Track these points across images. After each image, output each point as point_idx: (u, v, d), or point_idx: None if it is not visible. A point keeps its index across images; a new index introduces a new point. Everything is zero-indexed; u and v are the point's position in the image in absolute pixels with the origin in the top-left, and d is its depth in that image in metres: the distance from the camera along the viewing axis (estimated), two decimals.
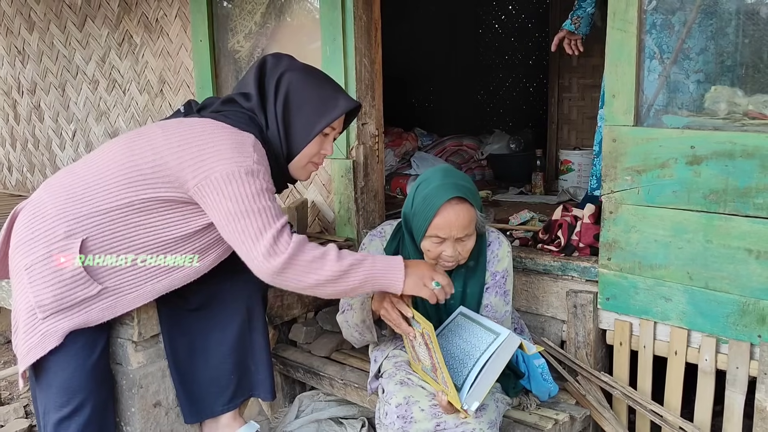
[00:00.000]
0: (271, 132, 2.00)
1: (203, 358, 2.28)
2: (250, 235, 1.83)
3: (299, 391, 2.88)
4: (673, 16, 2.22)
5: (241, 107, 2.01)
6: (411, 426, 1.98)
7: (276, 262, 1.81)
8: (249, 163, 1.85)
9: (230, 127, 1.93)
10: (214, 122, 1.94)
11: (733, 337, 2.16)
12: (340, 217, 3.11)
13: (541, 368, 2.30)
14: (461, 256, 2.11)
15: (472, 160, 5.08)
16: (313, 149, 2.05)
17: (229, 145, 1.86)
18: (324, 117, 2.01)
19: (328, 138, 2.08)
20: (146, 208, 1.90)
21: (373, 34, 3.01)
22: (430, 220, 2.04)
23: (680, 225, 2.20)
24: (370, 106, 3.05)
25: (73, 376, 1.95)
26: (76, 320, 1.90)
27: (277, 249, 1.82)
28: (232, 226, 1.84)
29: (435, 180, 2.09)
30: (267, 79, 2.02)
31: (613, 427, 2.32)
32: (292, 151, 2.04)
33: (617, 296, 2.38)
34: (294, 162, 2.06)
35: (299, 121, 2.01)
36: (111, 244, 1.91)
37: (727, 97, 2.14)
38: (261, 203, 1.84)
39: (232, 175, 1.82)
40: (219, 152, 1.85)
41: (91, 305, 1.92)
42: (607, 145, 2.32)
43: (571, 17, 3.16)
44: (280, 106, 1.99)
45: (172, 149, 1.88)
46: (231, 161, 1.84)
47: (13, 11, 4.56)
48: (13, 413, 3.31)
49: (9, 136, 4.94)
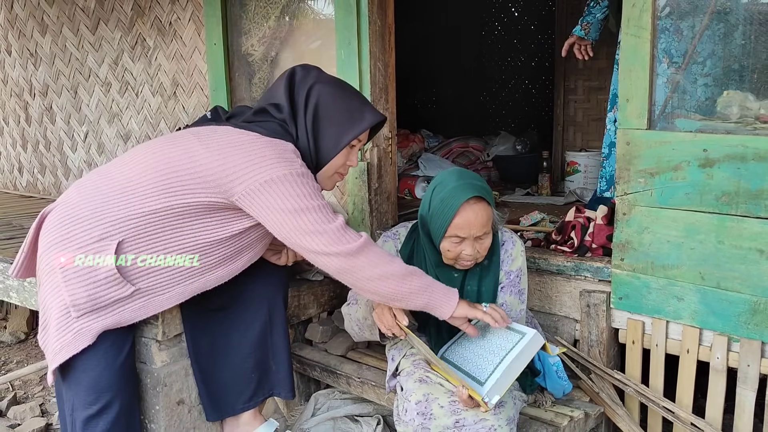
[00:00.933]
0: (301, 142, 2.04)
1: (225, 357, 2.33)
2: (317, 227, 1.89)
3: (315, 389, 2.92)
4: (686, 21, 2.27)
5: (274, 117, 2.05)
6: (431, 422, 2.03)
7: (352, 246, 1.90)
8: (297, 167, 1.92)
9: (268, 137, 1.98)
10: (250, 132, 1.99)
11: (745, 335, 2.20)
12: (354, 219, 3.16)
13: (556, 366, 2.35)
14: (479, 254, 2.17)
15: (478, 161, 5.13)
16: (340, 160, 2.10)
17: (273, 151, 1.92)
18: (352, 129, 2.06)
19: (354, 150, 2.14)
20: (184, 213, 1.95)
21: (387, 38, 3.06)
22: (449, 220, 2.09)
23: (692, 226, 2.25)
24: (384, 109, 3.09)
25: (102, 375, 1.99)
26: (109, 320, 1.95)
27: (349, 236, 1.92)
28: (294, 222, 1.89)
29: (451, 182, 2.14)
30: (297, 90, 2.06)
31: (626, 424, 2.37)
32: (320, 162, 2.08)
33: (630, 296, 2.43)
34: (321, 172, 2.10)
35: (328, 133, 2.05)
36: (146, 248, 1.96)
37: (739, 101, 2.19)
38: (319, 201, 1.91)
39: (284, 177, 1.89)
40: (265, 158, 1.90)
41: (124, 306, 1.97)
42: (620, 148, 2.37)
43: (581, 23, 3.21)
44: (309, 117, 2.04)
45: (213, 156, 1.92)
46: (280, 166, 1.89)
47: (26, 14, 4.60)
48: (30, 412, 3.34)
49: (20, 138, 4.97)
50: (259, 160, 1.90)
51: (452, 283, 2.23)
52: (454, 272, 2.25)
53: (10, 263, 2.89)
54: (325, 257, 1.93)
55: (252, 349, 2.32)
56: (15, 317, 4.45)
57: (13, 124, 5.01)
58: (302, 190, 1.89)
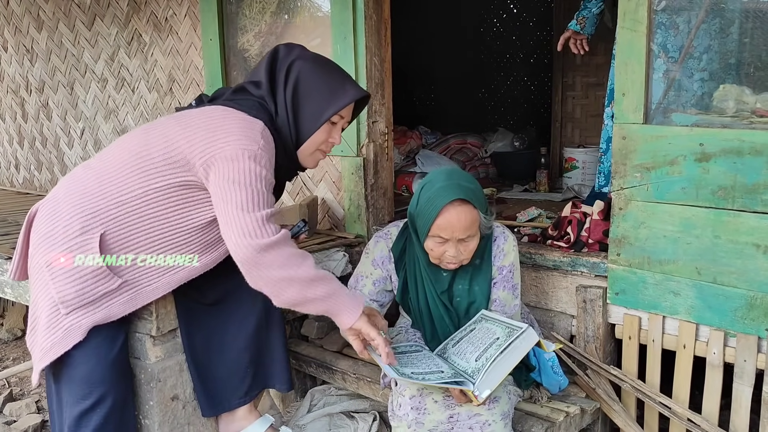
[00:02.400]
0: (281, 118, 2.03)
1: (220, 353, 2.32)
2: (242, 206, 1.86)
3: (310, 385, 2.92)
4: (682, 16, 2.26)
5: (252, 95, 2.05)
6: (425, 417, 2.02)
7: (263, 240, 1.85)
8: (254, 149, 1.89)
9: (240, 112, 1.97)
10: (225, 108, 1.99)
11: (741, 330, 2.20)
12: (350, 214, 3.15)
13: (552, 361, 2.35)
14: (464, 256, 2.14)
15: (476, 157, 5.12)
16: (321, 137, 2.08)
17: (238, 128, 1.92)
18: (332, 105, 2.04)
19: (337, 127, 2.12)
20: (159, 198, 1.94)
21: (383, 33, 3.05)
22: (432, 220, 2.07)
23: (689, 221, 2.24)
24: (380, 104, 3.09)
25: (95, 370, 1.99)
26: (98, 315, 1.94)
27: (266, 230, 1.87)
28: (227, 191, 1.87)
29: (439, 181, 2.12)
30: (278, 67, 2.05)
31: (623, 419, 2.36)
32: (300, 138, 2.07)
33: (626, 291, 2.42)
34: (302, 149, 2.09)
35: (308, 109, 2.04)
36: (128, 239, 1.95)
37: (735, 95, 2.18)
38: (258, 186, 1.89)
39: (236, 156, 1.87)
40: (228, 134, 1.90)
41: (112, 299, 1.96)
42: (616, 143, 2.36)
43: (577, 17, 3.20)
44: (289, 92, 2.02)
45: (184, 134, 1.93)
46: (238, 144, 1.88)
47: (21, 10, 4.59)
48: (26, 408, 3.34)
49: (17, 134, 4.96)
50: (221, 135, 1.90)
51: (441, 282, 2.23)
52: (443, 271, 2.23)
53: (5, 259, 2.88)
54: (236, 241, 1.87)
55: (247, 344, 2.32)
56: (12, 314, 4.45)
57: (9, 121, 5.01)
58: (246, 169, 1.87)
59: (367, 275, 2.32)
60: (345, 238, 3.09)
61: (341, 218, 3.22)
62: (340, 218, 3.23)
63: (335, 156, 3.16)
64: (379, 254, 2.31)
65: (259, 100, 2.03)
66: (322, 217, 3.30)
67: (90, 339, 1.96)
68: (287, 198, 3.42)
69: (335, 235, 3.14)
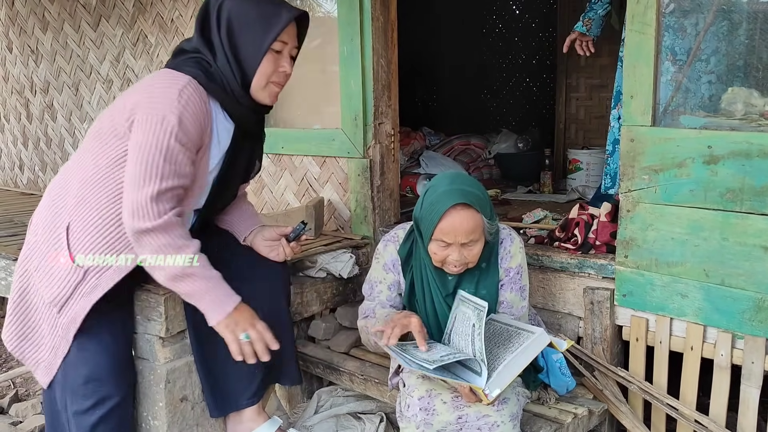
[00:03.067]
0: (221, 63, 2.01)
1: (228, 354, 2.31)
2: (134, 180, 1.89)
3: (317, 386, 2.92)
4: (691, 18, 2.26)
5: (186, 51, 2.05)
6: (433, 418, 2.03)
7: (142, 225, 1.89)
8: (165, 113, 1.89)
9: (168, 71, 1.99)
10: (157, 71, 2.04)
11: (749, 332, 2.20)
12: (356, 216, 3.16)
13: (559, 363, 2.35)
14: (468, 260, 2.13)
15: (479, 159, 5.13)
16: (267, 68, 2.04)
17: (158, 89, 1.94)
18: (269, 32, 2.00)
19: (283, 55, 2.08)
20: (108, 172, 1.99)
21: (390, 34, 3.06)
22: (435, 224, 2.07)
23: (697, 223, 2.25)
24: (387, 105, 3.09)
25: (96, 368, 2.04)
26: (78, 307, 2.00)
27: (150, 212, 1.89)
28: (134, 155, 1.90)
29: (442, 185, 2.12)
30: (209, 14, 2.03)
31: (630, 421, 2.37)
32: (246, 75, 2.04)
33: (634, 293, 2.42)
34: (253, 86, 2.06)
35: (246, 43, 2.01)
36: (88, 220, 2.00)
37: (743, 98, 2.18)
38: (156, 158, 1.89)
39: (144, 120, 1.89)
40: (149, 96, 1.92)
41: (82, 289, 2.01)
42: (624, 145, 2.37)
43: (583, 19, 3.20)
44: (224, 34, 2.00)
45: (122, 101, 1.99)
46: (148, 109, 1.90)
47: (26, 11, 4.60)
48: (31, 409, 3.34)
49: (21, 135, 4.97)
50: (144, 98, 1.93)
51: (447, 286, 2.22)
52: (449, 274, 2.23)
53: (12, 260, 2.89)
54: (124, 216, 1.93)
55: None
56: None
57: (14, 122, 5.01)
58: (155, 136, 1.88)
59: (380, 280, 2.32)
60: (351, 240, 3.10)
61: (347, 219, 3.23)
62: (347, 219, 3.24)
63: (341, 157, 3.17)
64: (389, 258, 2.31)
65: (194, 54, 2.03)
66: (328, 219, 3.31)
67: (92, 337, 2.02)
68: (293, 200, 3.43)
69: (342, 236, 3.15)
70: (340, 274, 2.90)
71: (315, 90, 3.36)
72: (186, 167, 1.95)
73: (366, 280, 2.37)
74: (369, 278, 2.36)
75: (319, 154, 3.27)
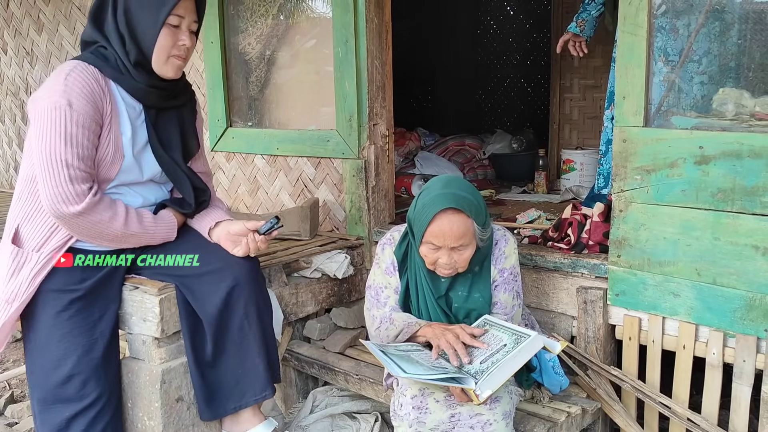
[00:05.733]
0: (115, 44, 2.09)
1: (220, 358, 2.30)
2: (48, 169, 1.99)
3: (312, 386, 2.94)
4: (682, 20, 2.28)
5: (88, 43, 2.17)
6: (426, 417, 2.04)
7: (67, 209, 2.01)
8: (55, 98, 1.98)
9: (64, 63, 2.10)
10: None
11: (740, 331, 2.22)
12: (351, 216, 3.17)
13: (553, 362, 2.37)
14: (458, 264, 2.13)
15: (474, 159, 5.14)
16: (166, 41, 2.10)
17: (48, 81, 2.05)
18: (164, 6, 2.06)
19: (181, 29, 2.13)
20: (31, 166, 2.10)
21: (384, 36, 3.07)
22: (425, 227, 2.07)
23: (689, 223, 2.27)
24: (381, 107, 3.11)
25: (76, 366, 2.11)
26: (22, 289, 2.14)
27: (71, 196, 2.01)
28: (38, 155, 2.00)
29: (435, 189, 2.12)
30: (104, 1, 2.11)
31: (623, 419, 2.39)
32: (145, 50, 2.10)
33: (627, 292, 2.44)
34: (154, 61, 2.12)
35: (143, 19, 2.08)
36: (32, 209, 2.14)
37: (734, 98, 2.20)
38: (61, 143, 1.98)
39: (42, 109, 1.99)
40: (41, 90, 2.04)
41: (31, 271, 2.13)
42: (617, 146, 2.38)
43: (576, 20, 3.22)
44: (121, 14, 2.07)
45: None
46: (41, 98, 2.01)
47: (21, 12, 4.59)
48: (27, 410, 3.35)
49: (16, 137, 4.97)
50: (39, 92, 2.04)
51: (439, 288, 2.23)
52: (442, 277, 2.24)
53: None
54: (46, 204, 2.03)
55: (232, 348, 2.29)
56: None
57: (8, 123, 5.01)
58: (58, 121, 1.97)
59: (385, 285, 2.31)
60: (346, 240, 3.11)
61: (342, 220, 3.24)
62: (342, 220, 3.25)
63: (336, 158, 3.18)
64: (388, 261, 2.31)
65: (92, 44, 2.14)
66: (323, 219, 3.32)
67: (68, 332, 2.12)
68: (288, 200, 3.44)
69: (336, 236, 3.16)
70: (335, 274, 2.91)
71: (310, 91, 3.37)
72: (88, 148, 2.04)
73: (368, 285, 2.36)
74: (372, 284, 2.35)
75: (314, 155, 3.28)
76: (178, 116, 2.31)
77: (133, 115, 2.18)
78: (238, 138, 3.58)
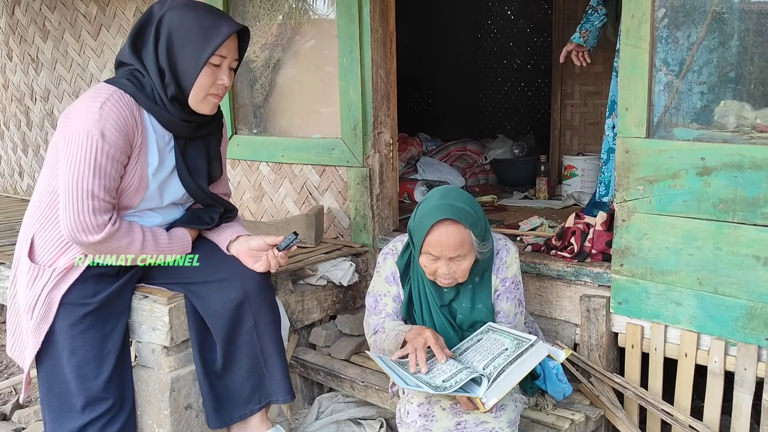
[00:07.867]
0: (152, 74, 2.06)
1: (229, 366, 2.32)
2: (72, 198, 1.99)
3: (318, 393, 2.96)
4: (684, 32, 2.31)
5: (124, 64, 2.12)
6: (432, 424, 2.06)
7: (86, 238, 2.02)
8: (89, 127, 1.96)
9: (101, 84, 2.07)
10: (93, 86, 2.15)
11: (742, 339, 2.25)
12: (356, 224, 3.20)
13: (556, 369, 2.39)
14: (457, 274, 2.14)
15: (476, 164, 5.18)
16: (206, 81, 2.08)
17: (83, 104, 2.00)
18: (208, 46, 2.03)
19: (222, 68, 2.11)
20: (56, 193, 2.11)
21: (389, 45, 3.10)
22: (423, 237, 2.09)
23: (691, 233, 2.30)
24: (386, 115, 3.14)
25: (88, 378, 2.13)
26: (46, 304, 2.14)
27: (91, 226, 2.01)
28: (63, 182, 2.00)
29: (434, 199, 2.14)
30: (147, 27, 2.08)
31: (626, 426, 2.42)
32: (184, 87, 2.08)
33: (629, 301, 2.47)
34: (191, 98, 2.10)
35: (185, 56, 2.05)
36: (49, 223, 2.14)
37: (735, 111, 2.23)
38: (89, 173, 1.98)
39: (74, 137, 1.97)
40: (75, 113, 2.00)
41: (51, 284, 2.14)
42: (620, 156, 2.41)
43: (580, 30, 3.24)
44: (163, 47, 2.04)
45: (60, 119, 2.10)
46: (75, 124, 1.98)
47: (27, 20, 4.62)
48: (34, 416, 3.36)
49: (21, 142, 5.00)
50: (73, 115, 2.00)
51: (442, 297, 2.25)
52: (444, 288, 2.26)
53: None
54: (67, 233, 2.04)
55: (241, 357, 2.31)
56: None
57: (14, 129, 5.04)
58: (89, 151, 1.96)
59: (384, 294, 2.34)
60: (351, 248, 3.14)
61: (347, 227, 3.27)
62: (346, 227, 3.27)
63: (341, 166, 3.21)
64: (389, 270, 2.33)
65: (129, 66, 2.09)
66: (328, 227, 3.35)
67: (83, 343, 2.13)
68: (293, 208, 3.47)
69: (341, 244, 3.18)
70: (340, 281, 2.94)
71: (314, 99, 3.40)
72: (115, 179, 2.04)
73: (368, 293, 2.39)
74: (372, 291, 2.38)
75: (318, 162, 3.31)
76: (204, 144, 2.30)
77: (162, 144, 2.16)
78: (243, 145, 3.60)
